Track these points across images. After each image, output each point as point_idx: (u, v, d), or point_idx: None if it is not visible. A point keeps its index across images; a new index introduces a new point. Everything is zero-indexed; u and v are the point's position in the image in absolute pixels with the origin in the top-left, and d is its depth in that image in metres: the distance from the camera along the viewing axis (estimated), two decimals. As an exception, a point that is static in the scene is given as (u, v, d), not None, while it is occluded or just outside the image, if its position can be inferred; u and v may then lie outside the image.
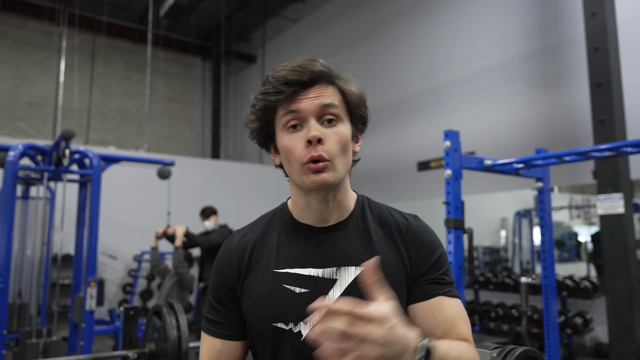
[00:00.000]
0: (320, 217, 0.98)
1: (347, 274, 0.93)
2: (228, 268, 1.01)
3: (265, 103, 0.93)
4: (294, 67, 0.91)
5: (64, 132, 3.32)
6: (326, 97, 0.92)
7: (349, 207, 1.01)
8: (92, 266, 3.54)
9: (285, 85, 0.90)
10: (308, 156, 0.89)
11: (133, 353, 1.77)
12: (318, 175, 0.89)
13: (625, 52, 4.57)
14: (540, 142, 5.42)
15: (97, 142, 10.51)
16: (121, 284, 7.45)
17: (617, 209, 3.96)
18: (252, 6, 10.85)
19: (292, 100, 0.91)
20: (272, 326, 0.93)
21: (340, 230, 0.98)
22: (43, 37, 10.43)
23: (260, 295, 0.95)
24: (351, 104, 0.95)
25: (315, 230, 0.98)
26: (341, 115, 0.93)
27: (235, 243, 1.04)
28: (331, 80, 0.94)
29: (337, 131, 0.92)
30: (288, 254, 0.97)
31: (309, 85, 0.92)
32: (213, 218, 4.76)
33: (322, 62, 0.94)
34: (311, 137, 0.88)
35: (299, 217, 1.00)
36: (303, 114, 0.91)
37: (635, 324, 3.97)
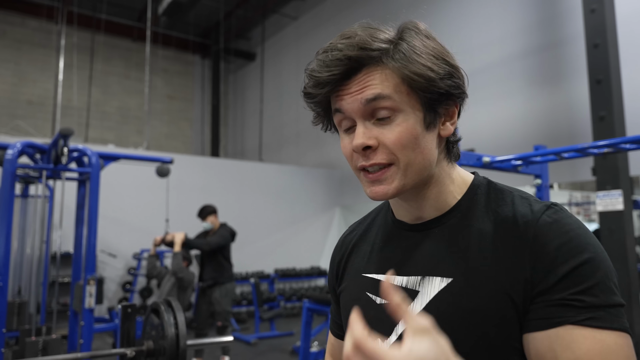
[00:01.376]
0: (414, 215, 0.80)
1: (431, 285, 0.74)
2: (333, 266, 0.96)
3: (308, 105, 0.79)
4: (326, 60, 0.71)
5: (63, 130, 3.32)
6: (372, 87, 0.70)
7: (452, 200, 0.78)
8: (91, 264, 3.54)
9: (317, 87, 0.73)
10: (359, 164, 0.73)
11: (131, 351, 1.77)
12: (376, 187, 0.73)
13: (625, 49, 4.56)
14: (539, 139, 5.41)
15: (97, 140, 10.51)
16: (121, 282, 7.45)
17: (616, 206, 3.96)
18: (252, 4, 10.83)
19: (335, 96, 0.73)
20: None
21: (432, 229, 0.78)
22: (42, 35, 10.42)
23: (348, 301, 0.86)
24: (415, 86, 0.70)
25: (408, 228, 0.81)
26: (398, 105, 0.70)
27: (341, 240, 0.97)
28: (380, 60, 0.71)
29: (395, 127, 0.70)
30: (379, 256, 0.84)
31: (351, 74, 0.71)
32: (211, 218, 4.75)
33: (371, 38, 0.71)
34: (355, 147, 0.71)
35: (397, 213, 0.84)
36: (348, 115, 0.73)
37: (634, 320, 3.98)
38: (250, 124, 12.03)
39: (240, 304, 7.81)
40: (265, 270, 8.57)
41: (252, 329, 7.08)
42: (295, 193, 9.21)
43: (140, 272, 7.44)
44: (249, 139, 12.12)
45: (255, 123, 11.54)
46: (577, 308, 0.62)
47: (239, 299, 7.81)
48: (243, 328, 7.23)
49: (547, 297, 0.65)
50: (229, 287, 4.62)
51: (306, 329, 4.40)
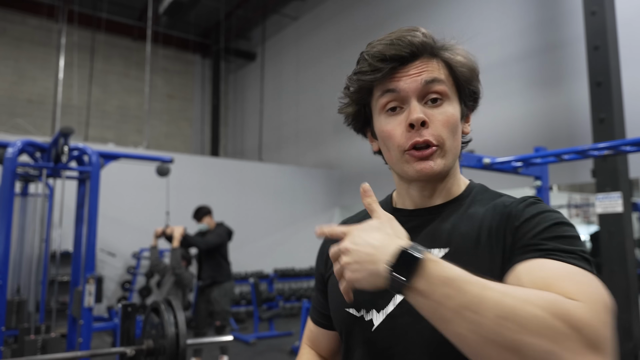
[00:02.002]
0: (421, 202, 0.87)
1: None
2: (321, 255, 1.00)
3: (360, 84, 0.82)
4: (391, 40, 0.79)
5: (63, 128, 3.31)
6: (429, 72, 0.79)
7: (456, 192, 0.87)
8: (90, 263, 3.53)
9: (382, 61, 0.78)
10: (410, 142, 0.78)
11: (131, 350, 1.77)
12: (424, 163, 0.78)
13: (625, 51, 4.56)
14: (539, 141, 5.42)
15: (97, 139, 10.51)
16: (120, 281, 7.45)
17: (615, 208, 3.96)
18: (252, 4, 10.84)
19: (390, 78, 0.79)
20: (345, 312, 0.87)
21: (433, 215, 0.85)
22: (42, 33, 10.42)
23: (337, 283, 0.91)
24: (460, 79, 0.83)
25: (409, 213, 0.87)
26: (448, 92, 0.80)
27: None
28: (435, 52, 0.81)
29: (444, 111, 0.79)
30: None
31: (409, 61, 0.79)
32: (206, 219, 4.74)
33: (424, 32, 0.81)
34: (414, 120, 0.77)
35: (398, 204, 0.91)
36: (403, 94, 0.79)
37: (633, 323, 3.98)
38: (250, 124, 12.03)
39: (239, 304, 7.80)
40: (265, 270, 8.57)
41: (251, 329, 7.08)
42: (294, 193, 9.21)
43: (139, 272, 7.43)
44: (248, 138, 12.12)
45: (255, 123, 11.54)
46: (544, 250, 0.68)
47: (238, 298, 7.81)
48: (242, 328, 7.23)
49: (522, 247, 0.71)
50: (228, 286, 4.62)
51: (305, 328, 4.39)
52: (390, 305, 0.80)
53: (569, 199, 12.00)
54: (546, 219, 0.73)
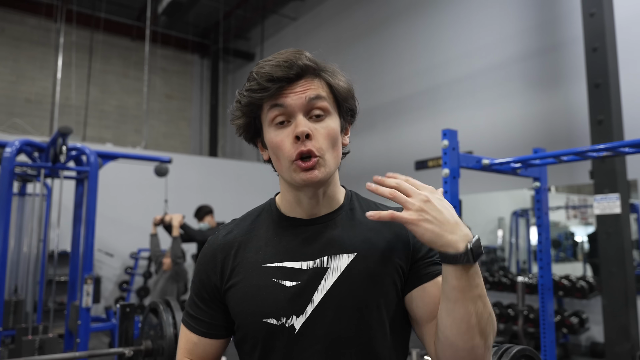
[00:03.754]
0: (311, 212, 0.96)
1: (339, 261, 0.91)
2: (212, 265, 0.99)
3: (250, 100, 0.91)
4: (279, 62, 0.88)
5: (61, 128, 3.31)
6: (313, 89, 0.89)
7: (339, 200, 0.99)
8: (88, 263, 3.53)
9: (271, 82, 0.87)
10: (297, 152, 0.87)
11: (129, 350, 1.77)
12: (308, 173, 0.87)
13: (624, 53, 4.58)
14: (537, 142, 5.43)
15: (95, 139, 10.49)
16: (118, 282, 7.44)
17: (613, 209, 3.97)
18: (251, 4, 10.83)
19: (278, 95, 0.88)
20: (262, 322, 0.90)
21: (330, 221, 0.96)
22: (41, 33, 10.39)
23: (249, 291, 0.93)
24: (339, 97, 0.93)
25: (304, 222, 0.96)
26: (329, 108, 0.91)
27: (220, 239, 1.01)
28: (317, 73, 0.92)
29: (326, 126, 0.90)
30: (277, 248, 0.95)
31: (294, 80, 0.89)
32: (207, 218, 4.74)
33: (308, 55, 0.91)
34: (299, 132, 0.86)
35: (288, 212, 0.98)
36: (290, 109, 0.88)
37: (631, 324, 3.99)
38: (249, 124, 12.00)
39: (237, 304, 7.79)
40: (263, 270, 8.56)
41: (249, 330, 7.06)
42: (293, 194, 9.20)
43: (137, 272, 7.42)
44: (247, 139, 12.10)
45: (253, 123, 11.52)
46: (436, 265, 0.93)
47: (236, 299, 7.79)
48: (240, 328, 7.21)
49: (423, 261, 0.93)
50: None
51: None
52: (309, 309, 0.89)
53: (566, 200, 12.01)
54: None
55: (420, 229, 0.79)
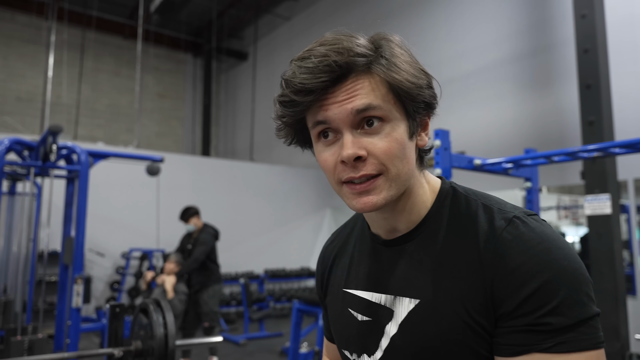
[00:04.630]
0: (388, 227, 0.79)
1: (402, 306, 0.74)
2: (318, 278, 0.98)
3: (283, 113, 0.73)
4: (314, 65, 0.67)
5: (52, 127, 3.28)
6: (361, 96, 0.67)
7: (422, 211, 0.77)
8: (79, 263, 3.50)
9: (301, 94, 0.67)
10: (346, 176, 0.69)
11: (119, 351, 1.75)
12: (362, 199, 0.69)
13: (615, 55, 4.61)
14: (529, 143, 5.46)
15: (86, 138, 10.42)
16: (109, 282, 7.39)
17: (604, 210, 3.99)
18: (244, 3, 10.81)
19: (318, 107, 0.69)
20: (342, 351, 0.86)
21: (405, 244, 0.77)
22: (32, 31, 10.31)
23: (333, 316, 0.89)
24: (402, 95, 0.69)
25: (382, 242, 0.80)
26: (387, 115, 0.68)
27: (323, 250, 0.98)
28: (368, 66, 0.69)
29: (384, 136, 0.68)
30: (357, 271, 0.84)
31: (337, 82, 0.68)
32: (194, 220, 4.72)
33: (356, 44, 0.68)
34: (345, 157, 0.67)
35: (372, 226, 0.83)
36: (334, 125, 0.69)
37: (621, 323, 4.02)
38: (242, 124, 11.99)
39: (229, 305, 7.77)
40: (255, 270, 8.55)
41: (241, 330, 7.05)
42: (286, 193, 9.20)
43: (128, 272, 7.38)
44: (240, 138, 12.08)
45: (246, 123, 11.51)
46: (544, 333, 0.60)
47: (228, 299, 7.78)
48: (232, 328, 7.20)
49: (511, 323, 0.63)
50: (217, 288, 4.60)
51: (295, 330, 4.39)
52: (378, 352, 0.77)
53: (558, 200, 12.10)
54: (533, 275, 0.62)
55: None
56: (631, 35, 4.94)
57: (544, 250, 0.63)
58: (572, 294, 0.61)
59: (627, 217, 5.02)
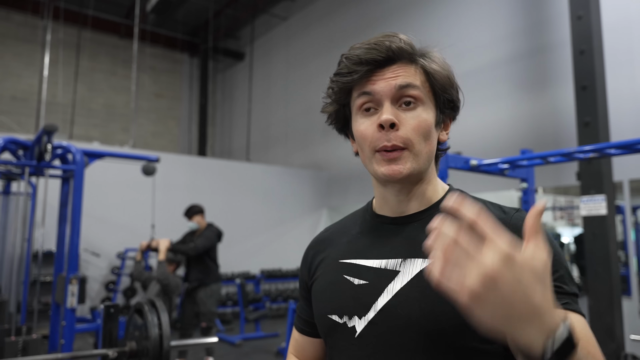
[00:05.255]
0: (398, 209, 0.88)
1: (412, 266, 0.81)
2: (304, 262, 1.00)
3: (339, 85, 0.85)
4: (369, 45, 0.81)
5: (47, 126, 3.26)
6: (404, 77, 0.81)
7: (434, 198, 0.88)
8: (74, 263, 3.48)
9: (358, 64, 0.81)
10: (380, 144, 0.80)
11: (113, 351, 1.74)
12: (391, 166, 0.80)
13: (610, 56, 4.62)
14: (525, 143, 5.47)
15: (82, 137, 10.37)
16: (104, 282, 7.36)
17: (599, 211, 4.01)
18: (241, 3, 10.79)
19: (366, 81, 0.82)
20: (328, 318, 0.87)
21: (417, 221, 0.86)
22: (27, 30, 10.26)
23: (322, 286, 0.91)
24: (436, 86, 0.83)
25: (390, 220, 0.89)
26: (422, 97, 0.82)
27: (316, 237, 1.02)
28: (413, 58, 0.84)
29: (416, 115, 0.81)
30: (358, 245, 0.90)
31: (386, 64, 0.82)
32: (197, 218, 4.70)
33: (403, 38, 0.84)
34: (383, 121, 0.79)
35: (378, 209, 0.92)
36: (377, 97, 0.81)
37: (616, 324, 4.03)
38: (238, 124, 11.97)
39: (225, 305, 7.75)
40: (251, 270, 8.53)
41: (237, 330, 7.03)
42: (282, 193, 9.19)
43: (124, 272, 7.35)
44: (236, 138, 12.06)
45: (243, 123, 11.49)
46: (558, 294, 0.70)
47: (224, 299, 7.76)
48: (228, 329, 7.18)
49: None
50: (215, 287, 4.58)
51: (292, 330, 4.38)
52: (371, 312, 0.81)
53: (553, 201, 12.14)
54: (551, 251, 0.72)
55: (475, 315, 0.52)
56: (626, 37, 4.96)
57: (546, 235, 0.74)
58: (568, 271, 0.76)
59: (621, 217, 5.04)
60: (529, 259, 0.51)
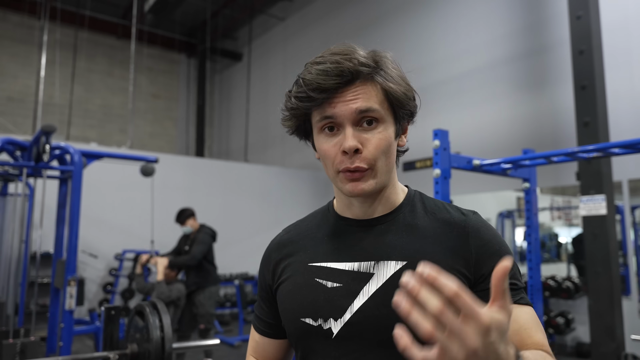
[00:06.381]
0: (364, 214, 0.91)
1: (386, 268, 0.84)
2: (266, 264, 1.01)
3: (298, 106, 0.86)
4: (327, 69, 0.81)
5: (45, 126, 3.23)
6: (364, 99, 0.82)
7: (396, 201, 0.92)
8: (72, 265, 3.45)
9: (317, 91, 0.82)
10: (343, 165, 0.83)
11: (114, 354, 1.72)
12: (355, 185, 0.83)
13: (609, 56, 4.63)
14: (524, 143, 5.47)
15: (79, 138, 10.33)
16: (102, 283, 7.32)
17: (599, 210, 4.00)
18: (239, 3, 10.77)
19: (327, 104, 0.83)
20: (300, 321, 0.88)
21: (383, 223, 0.90)
22: (24, 30, 10.21)
23: (292, 289, 0.92)
24: (394, 103, 0.85)
25: (356, 223, 0.92)
26: (382, 117, 0.84)
27: (277, 239, 1.03)
28: (371, 76, 0.84)
29: (377, 133, 0.83)
30: (326, 248, 0.92)
31: (345, 86, 0.82)
32: (190, 221, 4.68)
33: (362, 56, 0.84)
34: (346, 148, 0.81)
35: (341, 212, 0.95)
36: (339, 120, 0.83)
37: (616, 324, 4.03)
38: (236, 125, 11.95)
39: (224, 306, 7.73)
40: (250, 271, 8.51)
41: (235, 331, 7.01)
42: (280, 194, 9.17)
43: (121, 273, 7.31)
44: (234, 139, 12.04)
45: (240, 123, 11.47)
46: (513, 290, 0.82)
47: (223, 300, 7.73)
48: (226, 330, 7.16)
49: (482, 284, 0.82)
50: (213, 289, 4.56)
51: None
52: (347, 314, 0.83)
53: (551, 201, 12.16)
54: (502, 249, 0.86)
55: None
56: (625, 37, 4.96)
57: (498, 234, 0.89)
58: (517, 266, 0.86)
59: (620, 217, 5.04)
60: (497, 321, 0.54)
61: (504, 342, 0.55)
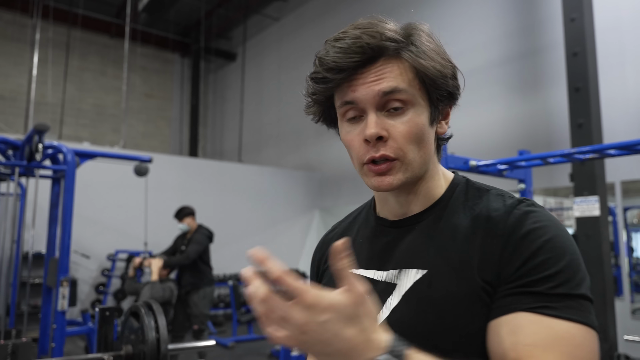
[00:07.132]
0: (399, 211, 0.81)
1: (407, 277, 0.75)
2: (313, 264, 0.97)
3: (316, 90, 0.77)
4: (347, 45, 0.70)
5: (37, 125, 3.20)
6: (389, 79, 0.71)
7: (436, 195, 0.80)
8: (64, 265, 3.42)
9: (334, 71, 0.71)
10: (367, 156, 0.73)
11: (109, 355, 1.70)
12: (381, 179, 0.73)
13: (603, 58, 4.66)
14: (518, 145, 5.49)
15: (71, 138, 10.26)
16: (94, 284, 7.26)
17: (593, 212, 4.03)
18: (233, 3, 10.74)
19: (347, 86, 0.73)
20: None
21: (417, 223, 0.79)
22: (16, 29, 10.12)
23: None
24: (427, 82, 0.74)
25: (388, 224, 0.83)
26: (412, 99, 0.72)
27: (322, 239, 0.98)
28: (398, 52, 0.73)
29: (407, 120, 0.72)
30: (360, 252, 0.85)
31: (367, 64, 0.71)
32: (188, 220, 4.66)
33: (388, 29, 0.74)
34: (367, 136, 0.71)
35: (379, 210, 0.86)
36: (360, 105, 0.72)
37: (609, 325, 4.05)
38: (230, 125, 11.92)
39: (217, 307, 7.69)
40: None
41: (229, 332, 6.98)
42: (274, 195, 9.15)
43: (114, 274, 7.26)
44: (228, 139, 12.00)
45: (235, 124, 11.44)
46: (534, 295, 0.63)
47: (217, 301, 7.70)
48: (220, 331, 7.13)
49: (508, 285, 0.65)
50: (208, 290, 4.54)
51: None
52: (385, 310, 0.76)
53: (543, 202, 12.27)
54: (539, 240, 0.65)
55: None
56: (618, 39, 5.00)
57: (551, 226, 0.68)
58: (569, 269, 0.64)
59: (613, 219, 5.08)
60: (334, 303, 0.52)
61: (355, 326, 0.53)
